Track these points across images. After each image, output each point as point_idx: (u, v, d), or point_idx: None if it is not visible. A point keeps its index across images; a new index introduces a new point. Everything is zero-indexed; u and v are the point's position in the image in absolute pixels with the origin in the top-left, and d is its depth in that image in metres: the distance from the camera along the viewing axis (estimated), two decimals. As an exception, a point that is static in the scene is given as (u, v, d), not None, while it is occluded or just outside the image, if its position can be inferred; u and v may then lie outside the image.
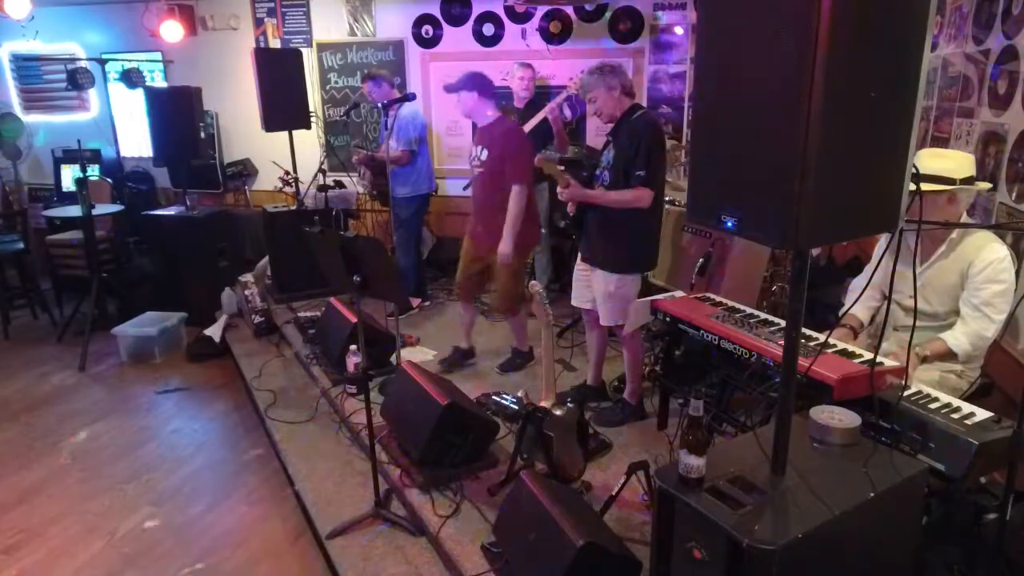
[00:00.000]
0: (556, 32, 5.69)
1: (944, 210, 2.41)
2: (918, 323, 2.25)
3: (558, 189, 3.36)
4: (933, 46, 3.64)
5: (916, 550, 1.91)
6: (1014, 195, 2.79)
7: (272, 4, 6.31)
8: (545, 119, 4.88)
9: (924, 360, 2.39)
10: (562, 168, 3.36)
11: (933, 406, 2.01)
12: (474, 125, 4.29)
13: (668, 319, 2.87)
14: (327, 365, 4.24)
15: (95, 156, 6.58)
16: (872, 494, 1.64)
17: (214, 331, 5.12)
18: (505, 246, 3.71)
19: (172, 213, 5.64)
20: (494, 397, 3.65)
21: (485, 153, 3.76)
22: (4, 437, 3.99)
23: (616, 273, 3.28)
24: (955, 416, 1.95)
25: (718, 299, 2.97)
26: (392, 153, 4.88)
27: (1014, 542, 1.93)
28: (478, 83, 3.75)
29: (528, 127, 4.82)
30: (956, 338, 2.39)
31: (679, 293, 3.22)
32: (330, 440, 3.62)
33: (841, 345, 2.40)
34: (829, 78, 1.28)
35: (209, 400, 4.43)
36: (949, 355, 2.41)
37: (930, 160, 2.45)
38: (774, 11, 1.32)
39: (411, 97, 4.80)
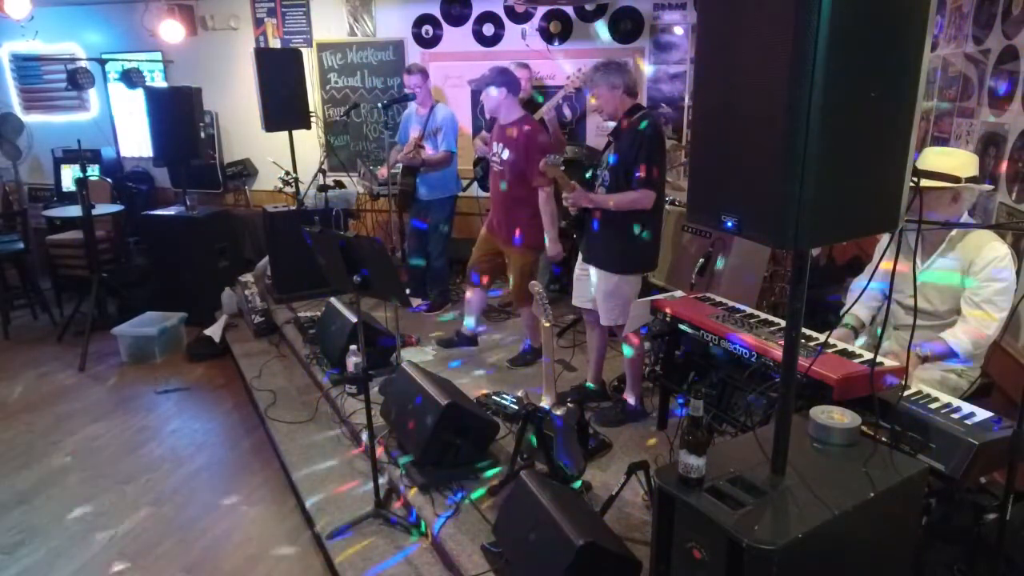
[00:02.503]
0: (556, 32, 5.69)
1: (948, 208, 2.41)
2: (919, 322, 2.25)
3: (563, 194, 3.36)
4: (933, 46, 3.64)
5: (916, 550, 1.91)
6: (1014, 195, 2.79)
7: (272, 4, 6.31)
8: (542, 119, 4.87)
9: (925, 360, 2.39)
10: (563, 168, 3.36)
11: (933, 406, 2.01)
12: (490, 121, 4.27)
13: (668, 319, 2.87)
14: (327, 365, 4.24)
15: (95, 156, 6.58)
16: (872, 494, 1.63)
17: (214, 331, 5.12)
18: (553, 247, 3.82)
19: (172, 213, 5.64)
20: (494, 397, 3.65)
21: (507, 153, 3.79)
22: (4, 437, 3.99)
23: (616, 273, 3.28)
24: (955, 416, 1.95)
25: (718, 299, 2.97)
26: (436, 155, 4.87)
27: (1014, 542, 1.93)
28: (507, 80, 3.78)
29: None
30: (957, 337, 2.39)
31: (679, 293, 3.22)
32: (330, 440, 3.62)
33: (841, 345, 2.40)
34: (829, 78, 1.28)
35: (209, 400, 4.43)
36: (949, 354, 2.41)
37: (935, 158, 2.45)
38: (774, 11, 1.32)
39: (411, 97, 4.81)
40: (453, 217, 5.17)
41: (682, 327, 2.79)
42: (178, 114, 5.30)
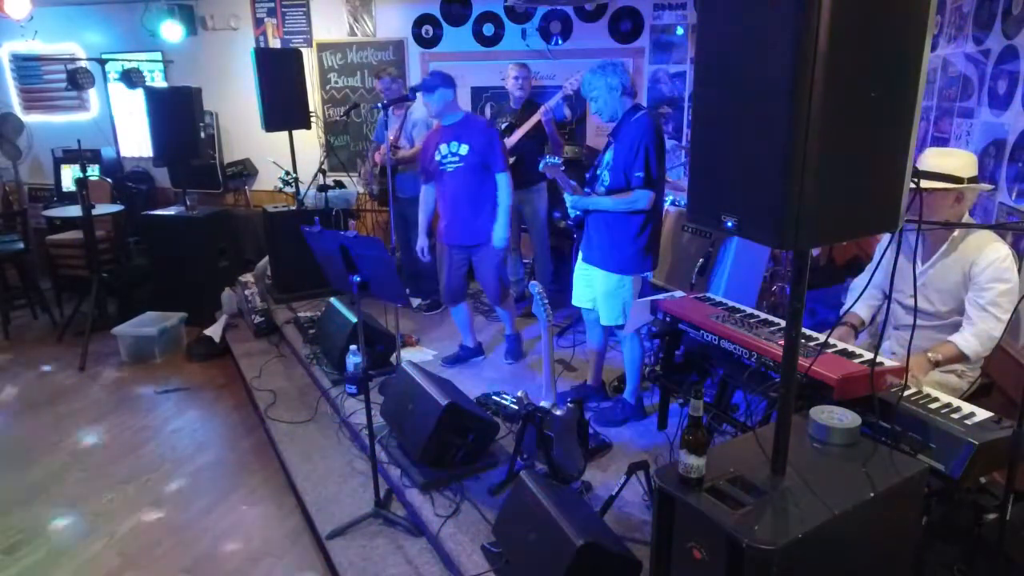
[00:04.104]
0: (556, 32, 5.69)
1: (951, 209, 2.41)
2: (919, 323, 2.25)
3: (565, 196, 3.36)
4: (933, 46, 3.64)
5: (916, 550, 1.91)
6: (1014, 195, 2.79)
7: (272, 4, 6.31)
8: (539, 120, 4.87)
9: (936, 365, 2.37)
10: (563, 169, 3.36)
11: (933, 406, 2.01)
12: (429, 134, 4.21)
13: (668, 319, 2.87)
14: (327, 365, 4.24)
15: (95, 156, 6.58)
16: (872, 494, 1.63)
17: (214, 331, 5.12)
18: (503, 230, 3.84)
19: (172, 213, 5.64)
20: (494, 397, 3.65)
21: (466, 148, 3.81)
22: (4, 437, 3.99)
23: (617, 273, 3.28)
24: (955, 416, 1.95)
25: (718, 299, 2.96)
26: (409, 151, 4.88)
27: (1014, 542, 1.93)
28: (451, 82, 3.86)
29: (524, 129, 4.81)
30: (966, 340, 2.38)
31: (679, 293, 3.22)
32: (330, 440, 3.63)
33: (841, 345, 2.40)
34: (829, 78, 1.28)
35: (209, 400, 4.43)
36: (961, 358, 2.40)
37: (936, 159, 2.45)
38: (774, 11, 1.32)
39: (411, 97, 4.80)
40: None
41: (682, 327, 2.79)
42: (178, 114, 5.30)
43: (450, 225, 3.96)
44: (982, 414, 1.96)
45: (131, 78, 5.93)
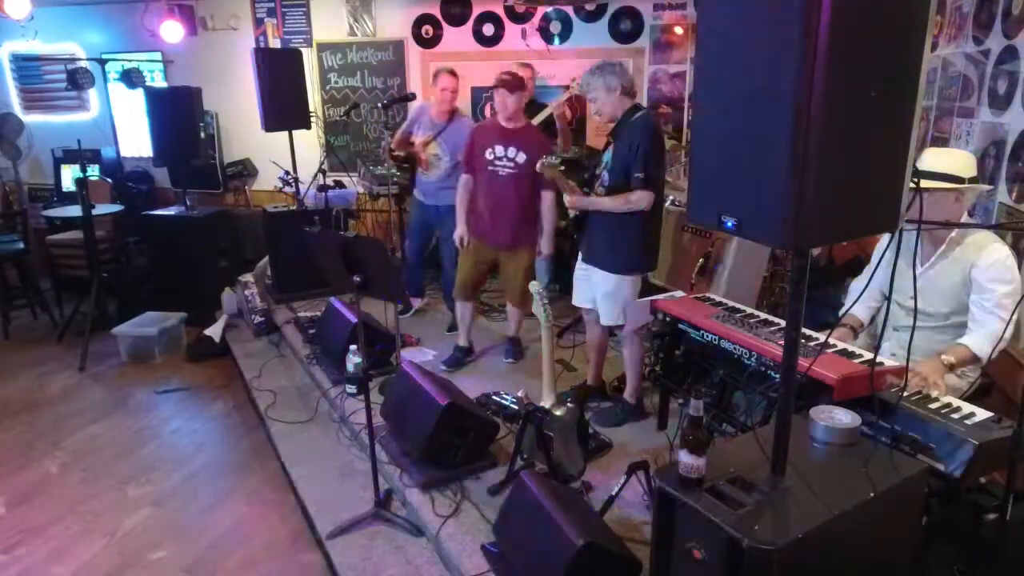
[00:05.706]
0: (556, 32, 5.69)
1: (950, 209, 2.41)
2: (919, 323, 2.25)
3: (564, 197, 3.36)
4: (933, 46, 3.64)
5: (916, 550, 1.91)
6: (1014, 195, 2.79)
7: (272, 4, 6.31)
8: (549, 117, 4.86)
9: (951, 368, 2.37)
10: (562, 169, 3.36)
11: (933, 406, 2.01)
12: (484, 126, 4.20)
13: (668, 319, 2.87)
14: (327, 365, 4.24)
15: (95, 156, 6.58)
16: (872, 494, 1.63)
17: (214, 331, 5.12)
18: (548, 247, 3.96)
19: (172, 213, 5.64)
20: (494, 397, 3.65)
21: (522, 156, 3.83)
22: (4, 437, 3.99)
23: (616, 273, 3.28)
24: (955, 416, 1.95)
25: (718, 299, 2.97)
26: (437, 170, 4.78)
27: (1014, 542, 1.93)
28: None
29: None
30: (978, 343, 2.36)
31: (679, 293, 3.22)
32: (330, 440, 3.62)
33: (841, 345, 2.40)
34: (829, 78, 1.28)
35: (209, 400, 4.43)
36: (974, 360, 2.39)
37: (936, 158, 2.45)
38: (775, 10, 1.32)
39: (411, 97, 4.80)
40: None
41: (682, 327, 2.80)
42: (178, 114, 5.30)
43: (489, 224, 3.99)
44: (982, 414, 1.96)
45: (131, 78, 5.93)
